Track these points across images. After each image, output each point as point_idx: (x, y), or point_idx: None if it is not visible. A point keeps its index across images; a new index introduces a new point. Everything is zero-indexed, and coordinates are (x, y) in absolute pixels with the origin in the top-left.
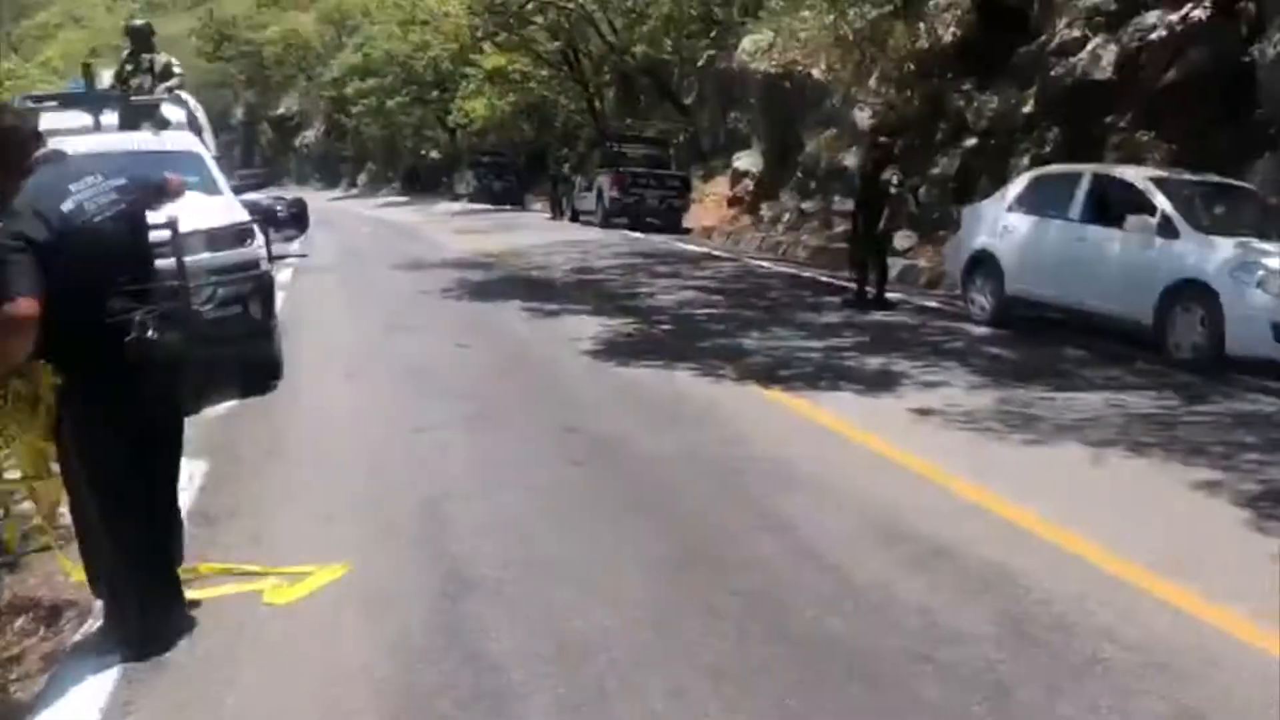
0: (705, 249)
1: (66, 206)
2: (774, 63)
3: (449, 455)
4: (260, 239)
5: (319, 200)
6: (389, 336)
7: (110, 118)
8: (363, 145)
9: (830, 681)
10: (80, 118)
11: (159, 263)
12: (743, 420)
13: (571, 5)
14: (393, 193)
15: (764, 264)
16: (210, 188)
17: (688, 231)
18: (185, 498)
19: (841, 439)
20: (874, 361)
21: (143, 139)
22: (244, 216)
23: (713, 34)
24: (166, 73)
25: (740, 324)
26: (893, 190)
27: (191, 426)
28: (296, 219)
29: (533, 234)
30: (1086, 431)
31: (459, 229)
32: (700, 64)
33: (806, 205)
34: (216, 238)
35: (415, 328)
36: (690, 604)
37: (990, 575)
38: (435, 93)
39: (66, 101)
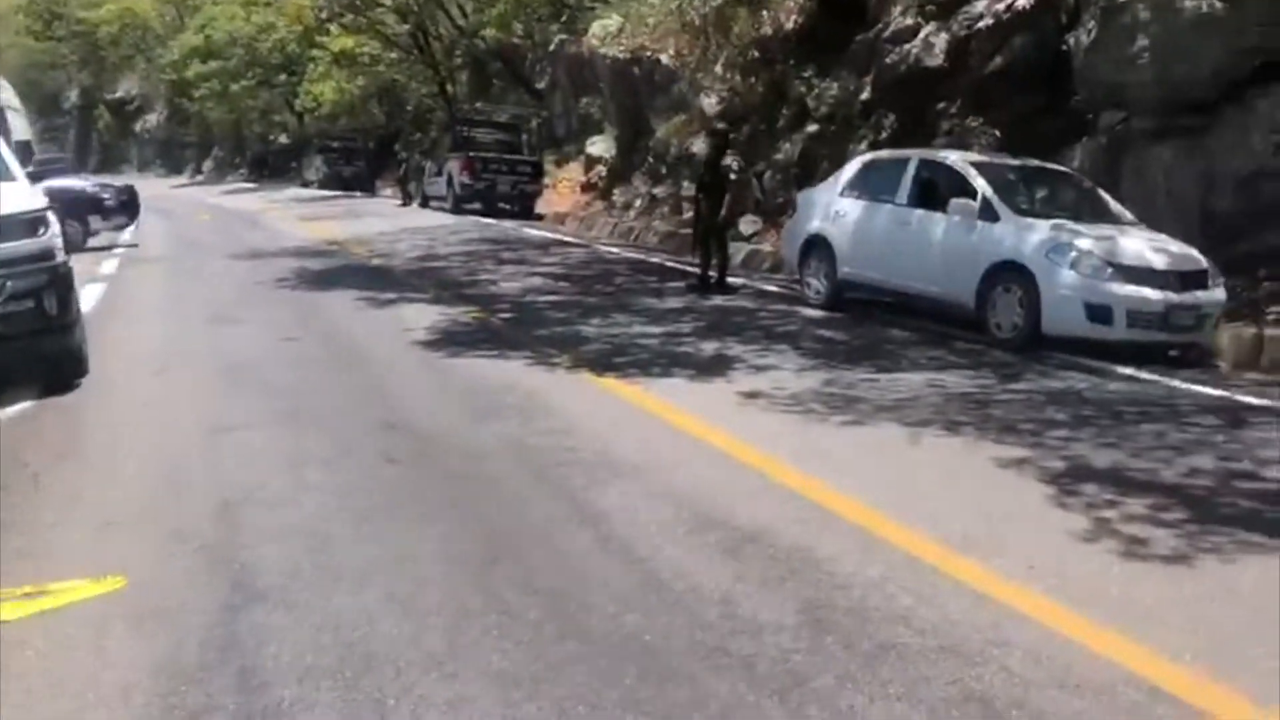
0: (555, 235)
1: None
2: (623, 48)
3: (255, 456)
4: (55, 228)
5: (160, 188)
6: (212, 330)
7: None
8: (207, 130)
9: (621, 681)
10: None
11: None
12: (570, 410)
13: None
14: (240, 179)
15: (614, 250)
16: (3, 174)
17: (540, 218)
18: None
19: (667, 426)
20: (709, 346)
21: None
22: (37, 204)
23: (563, 18)
24: None
25: (582, 311)
26: (733, 176)
27: None
28: (125, 207)
29: (380, 221)
30: (905, 411)
31: (304, 216)
32: (551, 48)
33: (657, 190)
34: (3, 227)
35: (242, 320)
36: (487, 606)
37: (796, 561)
38: (283, 76)
39: None
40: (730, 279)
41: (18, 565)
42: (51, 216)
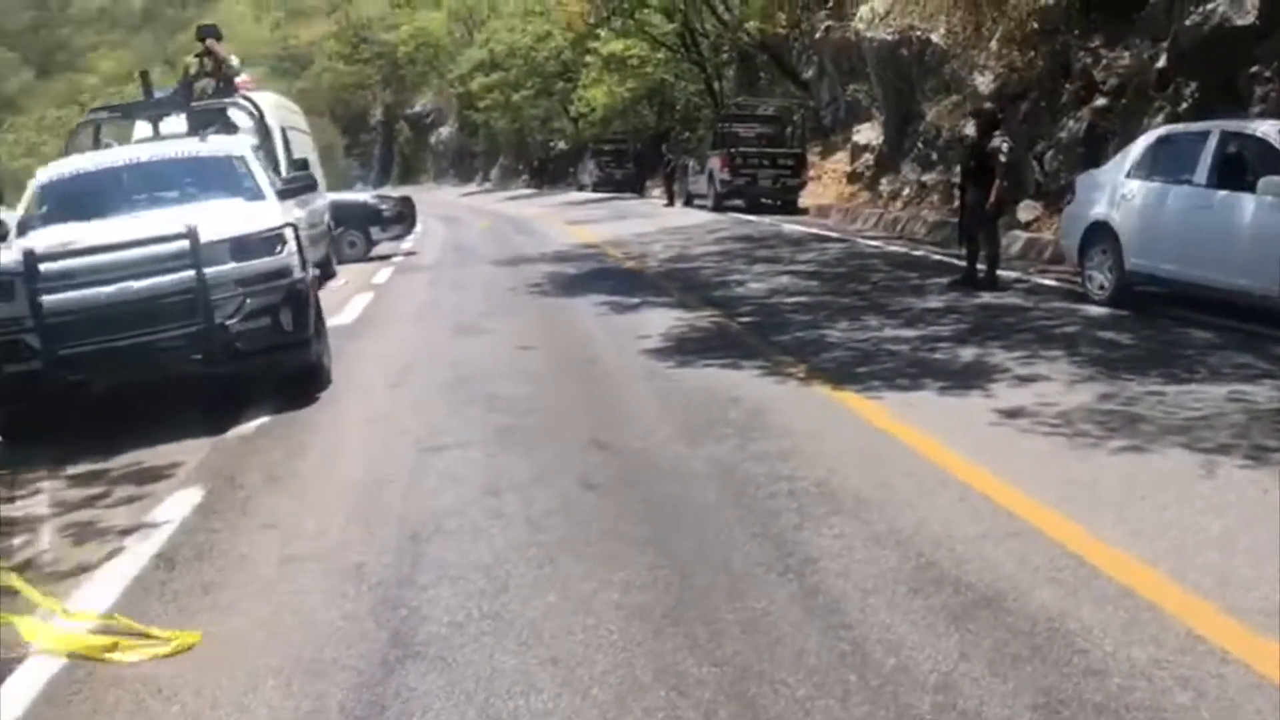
0: (815, 230)
1: None
2: (891, 29)
3: (458, 480)
4: (292, 245)
5: (450, 196)
6: (455, 340)
7: (177, 124)
8: (493, 140)
9: None
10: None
11: (171, 277)
12: (796, 429)
13: None
14: (523, 185)
15: (876, 243)
16: (250, 193)
17: (804, 211)
18: (159, 536)
19: (904, 450)
20: (968, 353)
21: (182, 145)
22: (275, 222)
23: (829, 3)
24: (220, 71)
25: (830, 313)
26: (1002, 159)
27: (210, 448)
28: (402, 218)
29: (642, 222)
30: (1199, 434)
31: (572, 220)
32: (817, 36)
33: (927, 178)
34: (243, 246)
35: (485, 330)
36: (658, 679)
37: (1040, 635)
38: (560, 84)
39: (129, 111)
40: (1001, 273)
41: (195, 601)
42: (289, 234)
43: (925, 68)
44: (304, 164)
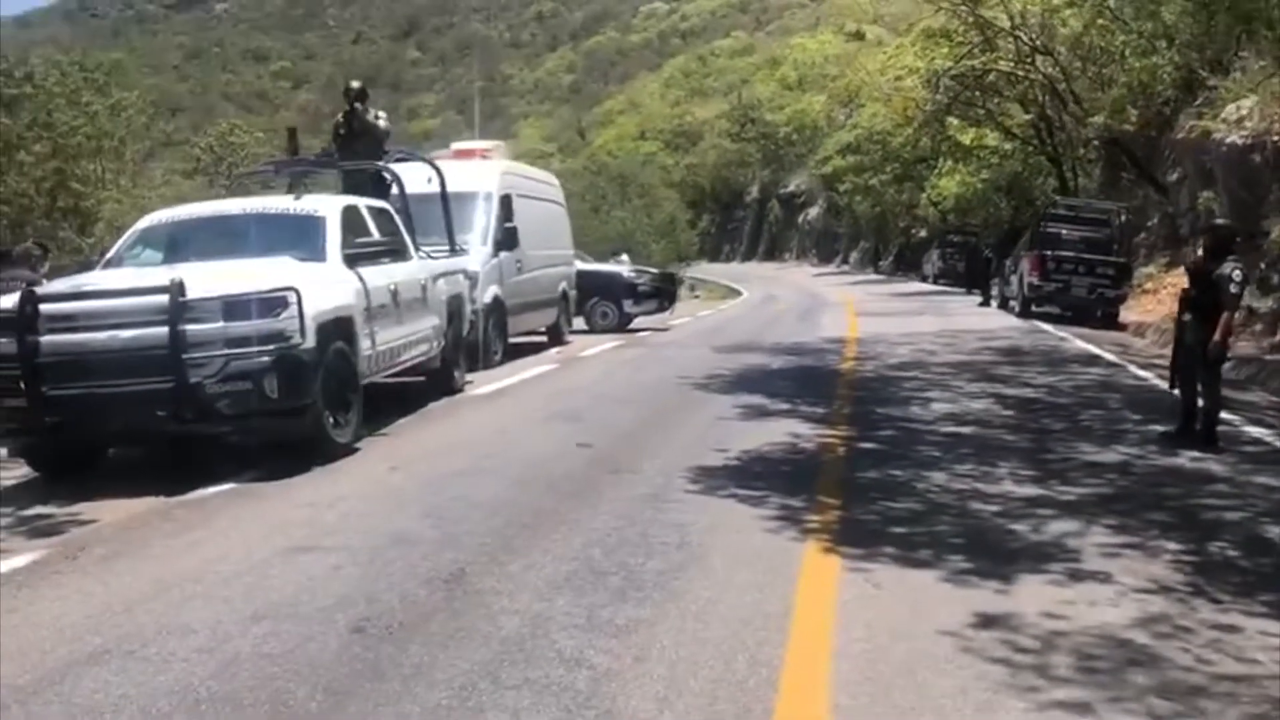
0: (1102, 350)
1: None
2: (1245, 132)
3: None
4: (293, 310)
5: (800, 275)
6: (538, 426)
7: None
8: (855, 223)
9: None
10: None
11: (152, 330)
12: (713, 584)
13: (1035, 74)
14: (874, 272)
15: (1146, 374)
16: (313, 254)
17: (1123, 327)
18: None
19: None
20: (1057, 528)
21: (274, 203)
22: (279, 284)
23: (1197, 100)
24: (365, 130)
25: (977, 450)
26: (1233, 289)
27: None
28: (658, 294)
29: (933, 320)
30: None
31: (866, 311)
32: (1179, 136)
33: (1261, 305)
34: (235, 306)
35: (584, 420)
36: None
37: None
38: (919, 169)
39: (278, 168)
40: (1222, 428)
41: None
42: (294, 298)
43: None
44: (510, 231)
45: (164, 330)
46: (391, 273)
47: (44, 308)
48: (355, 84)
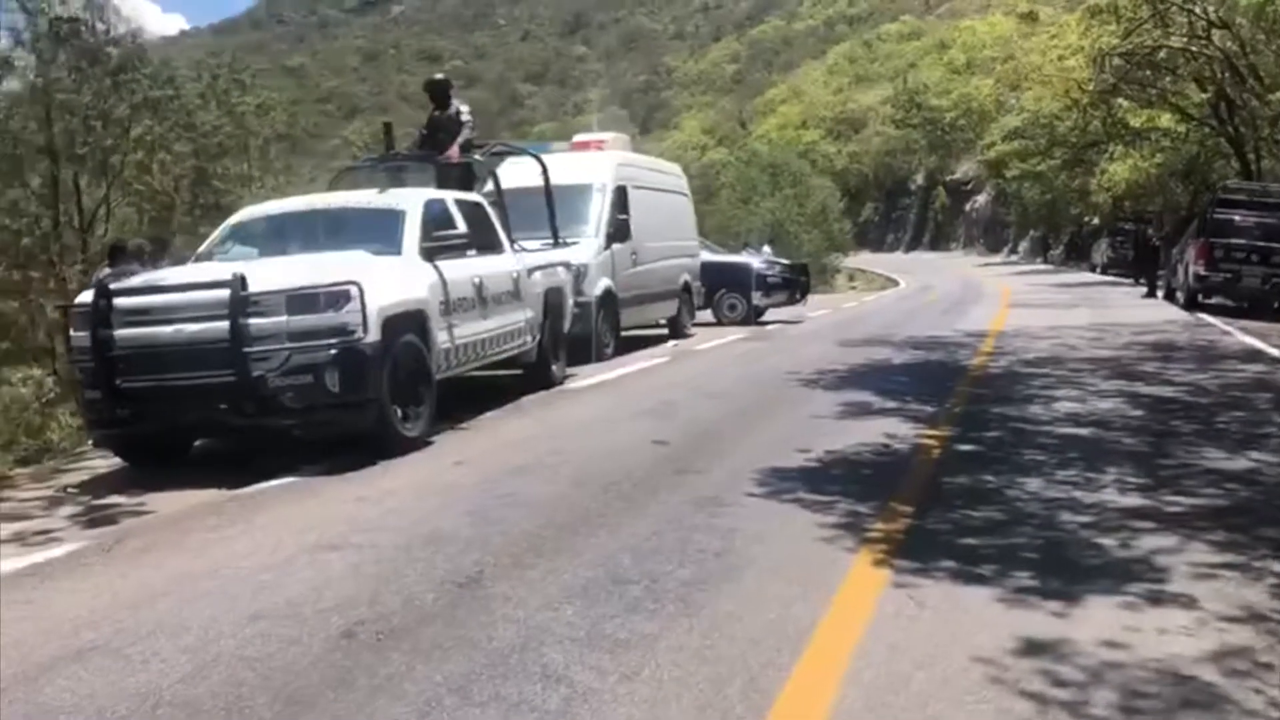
0: (1267, 345)
1: None
2: None
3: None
4: (355, 304)
5: (963, 265)
6: (622, 421)
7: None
8: (1024, 211)
9: None
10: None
11: (215, 324)
12: (701, 604)
13: (1212, 50)
14: (1045, 262)
15: None
16: (389, 248)
17: None
18: None
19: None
20: (1151, 543)
21: (358, 197)
22: (350, 277)
23: None
24: (450, 125)
25: (1088, 456)
26: None
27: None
28: (788, 285)
29: (1088, 313)
30: None
31: (1024, 303)
32: None
33: None
34: (298, 300)
35: (672, 416)
36: None
37: None
38: (1092, 154)
39: (375, 163)
40: None
41: None
42: (356, 292)
43: None
44: (623, 223)
45: (226, 324)
46: (476, 266)
47: (117, 301)
48: (439, 76)
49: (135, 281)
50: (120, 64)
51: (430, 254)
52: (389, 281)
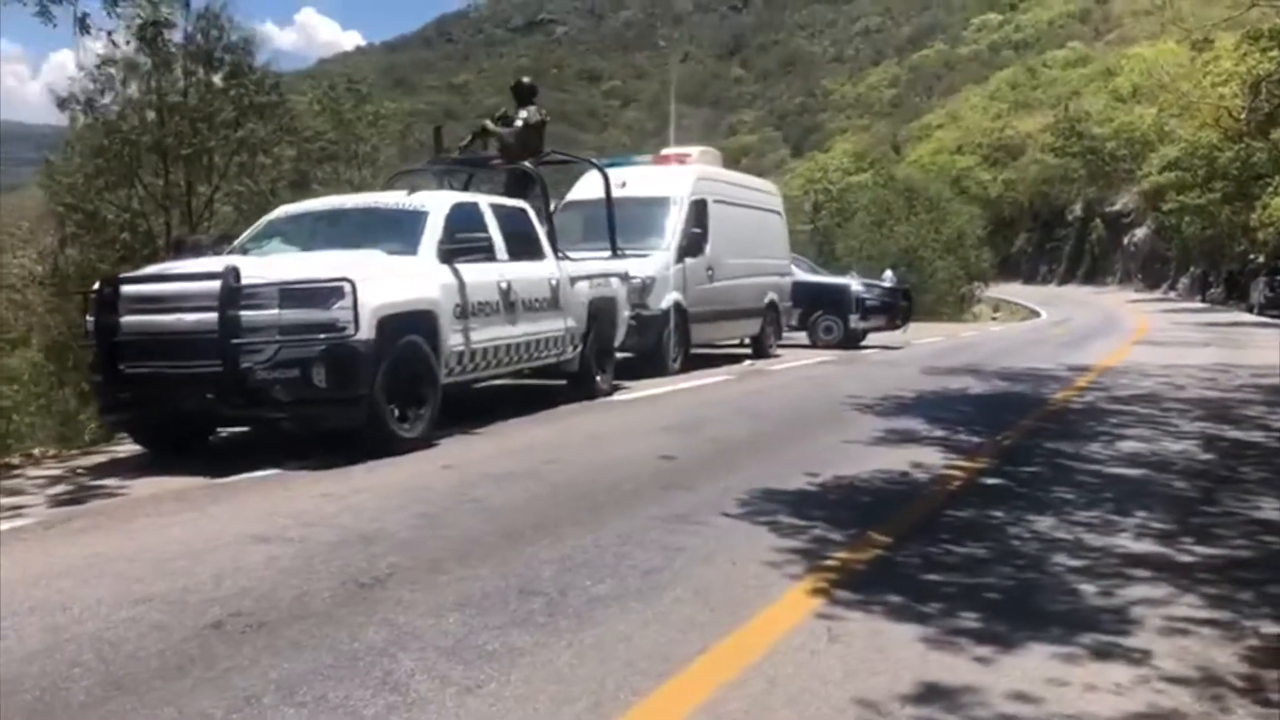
0: None
1: None
2: None
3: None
4: (348, 301)
5: (1112, 300)
6: (642, 435)
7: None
8: (1184, 246)
9: None
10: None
11: (210, 315)
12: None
13: None
14: (1204, 300)
15: None
16: (408, 248)
17: None
18: None
19: None
20: (1139, 592)
21: (387, 198)
22: (344, 274)
23: None
24: (506, 123)
25: (1123, 497)
26: None
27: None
28: (887, 309)
29: (1219, 353)
30: None
31: (1154, 340)
32: None
33: None
34: (290, 294)
35: (698, 433)
36: None
37: None
38: (1254, 188)
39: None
40: None
41: None
42: (348, 289)
43: None
44: (696, 237)
45: (212, 315)
46: (505, 271)
47: (124, 289)
48: (525, 80)
49: (149, 270)
50: (231, 70)
51: (449, 256)
52: (392, 281)
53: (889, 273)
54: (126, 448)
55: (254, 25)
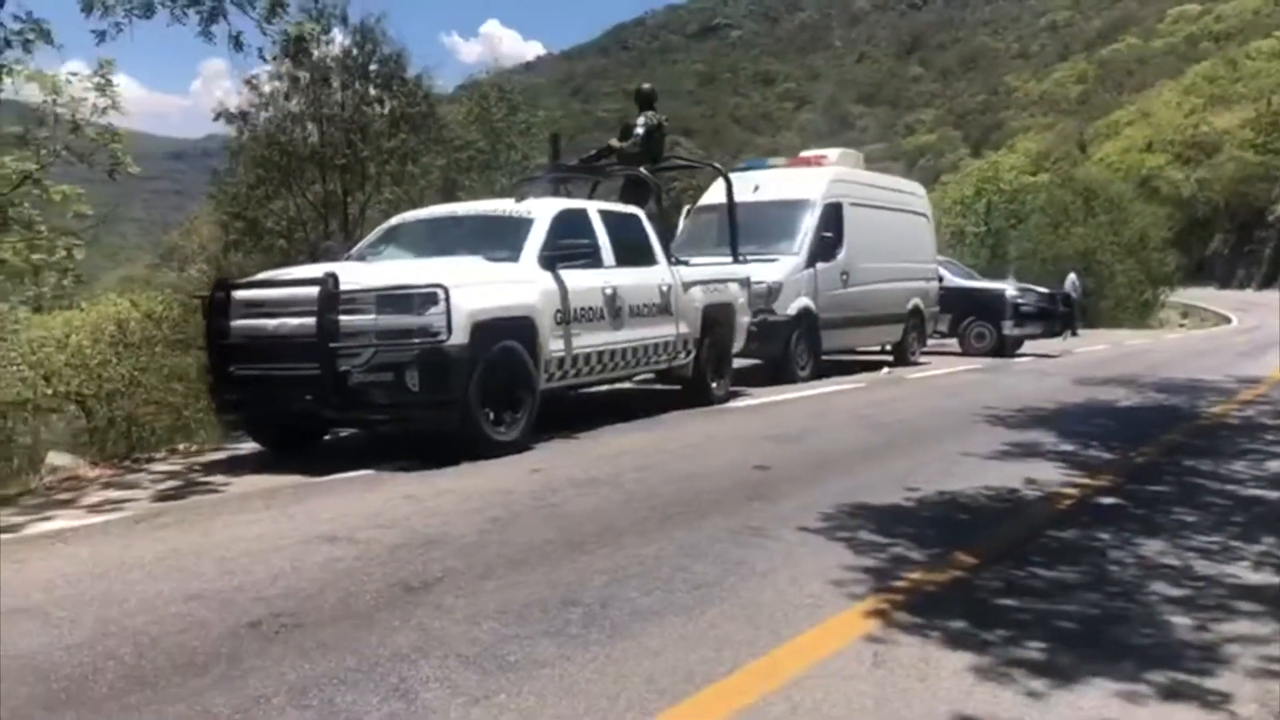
0: None
1: None
2: None
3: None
4: (442, 306)
5: None
6: (745, 443)
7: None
8: None
9: None
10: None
11: (311, 319)
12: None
13: None
14: None
15: None
16: (511, 255)
17: None
18: None
19: None
20: (1233, 629)
21: (493, 206)
22: (439, 280)
23: None
24: (626, 133)
25: (1253, 522)
26: None
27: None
28: (1045, 315)
29: None
30: None
31: None
32: None
33: None
34: (387, 299)
35: (803, 442)
36: None
37: None
38: None
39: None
40: None
41: None
42: (442, 295)
43: None
44: (827, 241)
45: (312, 320)
46: (611, 277)
47: (236, 294)
48: (645, 86)
49: (253, 277)
50: (384, 81)
51: (551, 262)
52: (489, 287)
53: (1072, 277)
54: (249, 446)
55: (441, 37)
